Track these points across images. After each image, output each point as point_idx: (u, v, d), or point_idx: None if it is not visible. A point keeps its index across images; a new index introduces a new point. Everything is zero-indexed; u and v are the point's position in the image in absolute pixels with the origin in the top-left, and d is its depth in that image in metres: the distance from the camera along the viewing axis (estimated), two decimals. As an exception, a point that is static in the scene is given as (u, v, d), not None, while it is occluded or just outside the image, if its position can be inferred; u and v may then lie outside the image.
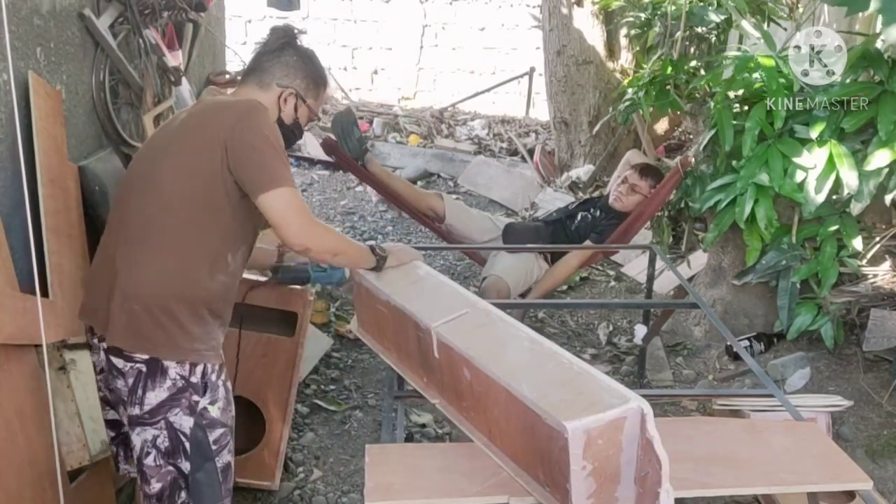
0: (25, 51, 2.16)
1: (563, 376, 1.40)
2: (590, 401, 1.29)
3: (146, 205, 1.71)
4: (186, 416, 1.71)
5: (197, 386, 1.71)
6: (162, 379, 1.68)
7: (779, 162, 2.94)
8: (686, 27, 3.68)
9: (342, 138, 3.41)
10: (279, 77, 1.83)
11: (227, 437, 1.79)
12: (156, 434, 1.71)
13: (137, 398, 1.69)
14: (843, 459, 1.54)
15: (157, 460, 1.72)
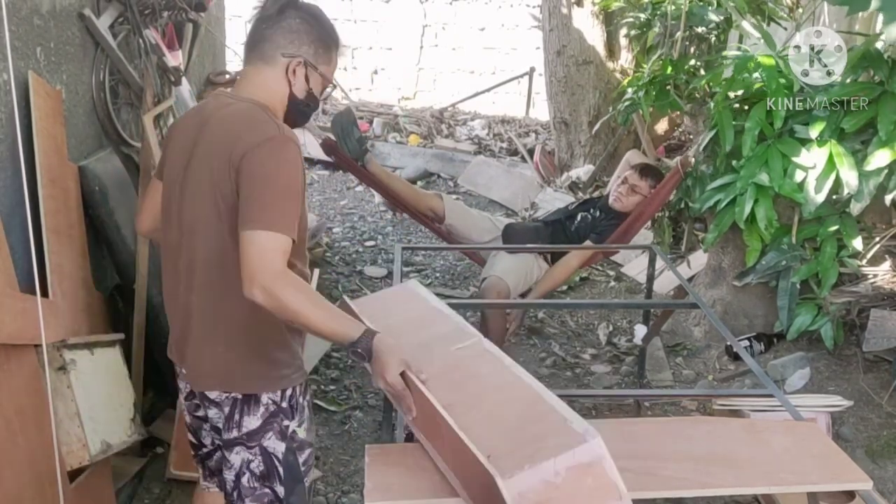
0: (25, 51, 2.16)
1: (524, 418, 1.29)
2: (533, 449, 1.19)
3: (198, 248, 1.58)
4: (279, 441, 1.66)
5: (287, 410, 1.66)
6: (256, 406, 1.63)
7: (779, 162, 2.94)
8: (686, 27, 3.68)
9: (342, 139, 3.40)
10: (283, 45, 1.58)
11: (312, 456, 1.76)
12: (250, 458, 1.66)
13: (235, 423, 1.64)
14: (843, 459, 1.54)
15: (251, 482, 1.68)
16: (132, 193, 2.71)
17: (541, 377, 3.45)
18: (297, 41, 1.59)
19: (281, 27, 1.59)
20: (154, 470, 2.55)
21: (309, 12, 1.62)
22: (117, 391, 2.24)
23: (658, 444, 1.57)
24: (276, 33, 1.59)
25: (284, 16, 1.59)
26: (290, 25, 1.59)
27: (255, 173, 1.47)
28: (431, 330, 1.66)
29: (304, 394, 1.70)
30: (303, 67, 1.60)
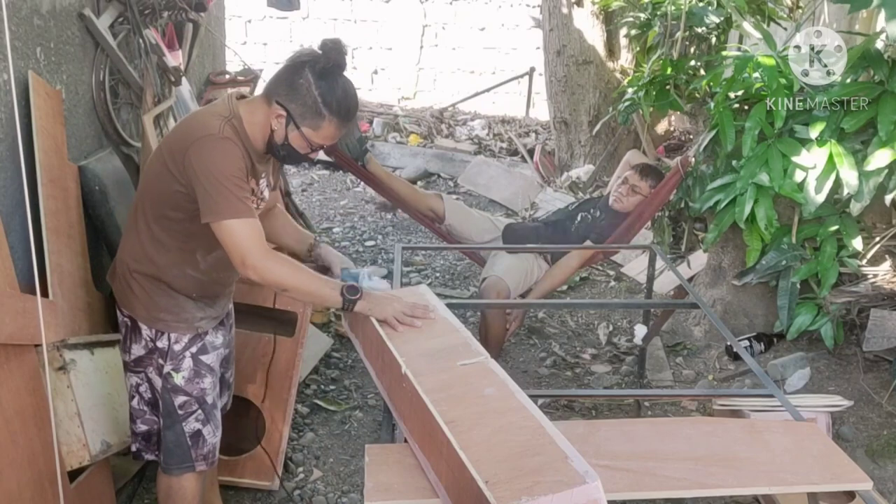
0: (25, 51, 2.16)
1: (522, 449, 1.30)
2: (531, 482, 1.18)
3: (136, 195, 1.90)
4: (156, 377, 1.90)
5: (163, 351, 1.87)
6: (139, 336, 1.88)
7: (779, 162, 2.94)
8: (686, 27, 3.68)
9: (341, 139, 3.39)
10: (280, 94, 1.72)
11: (192, 405, 1.91)
12: (139, 382, 1.93)
13: (126, 347, 1.92)
14: (843, 459, 1.54)
15: (140, 405, 1.95)
16: (132, 193, 2.71)
17: (541, 377, 3.45)
18: (291, 96, 1.71)
19: (287, 79, 1.71)
20: (154, 470, 2.54)
21: (322, 77, 1.70)
22: (117, 391, 2.24)
23: (658, 444, 1.57)
24: (283, 80, 1.72)
25: (300, 71, 1.70)
26: (295, 81, 1.70)
27: (200, 167, 1.67)
28: (438, 340, 1.66)
29: (187, 347, 1.89)
30: (284, 120, 1.73)
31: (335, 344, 3.51)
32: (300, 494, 2.57)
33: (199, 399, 1.92)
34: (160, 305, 1.86)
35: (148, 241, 1.83)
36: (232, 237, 1.67)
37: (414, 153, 6.73)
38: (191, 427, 1.92)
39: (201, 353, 1.91)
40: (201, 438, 1.93)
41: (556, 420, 3.06)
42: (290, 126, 1.73)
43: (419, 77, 9.25)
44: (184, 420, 1.90)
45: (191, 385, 1.90)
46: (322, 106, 1.70)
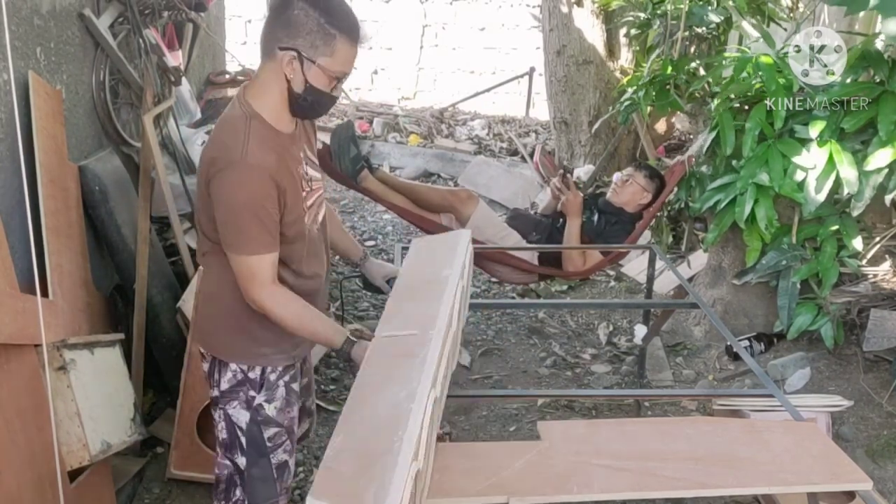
0: (25, 51, 2.16)
1: (375, 447, 1.21)
2: (355, 490, 1.11)
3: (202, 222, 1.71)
4: (243, 411, 1.74)
5: (255, 382, 1.74)
6: (225, 370, 1.74)
7: (779, 162, 2.94)
8: (686, 27, 3.68)
9: (337, 156, 3.33)
10: (280, 39, 1.53)
11: (282, 436, 1.79)
12: (217, 421, 1.77)
13: (214, 381, 1.76)
14: (843, 459, 1.54)
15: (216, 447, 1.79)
16: (132, 193, 2.71)
17: (541, 377, 3.45)
18: (293, 33, 1.53)
19: (281, 19, 1.53)
20: (154, 470, 2.55)
21: (315, 2, 1.54)
22: (117, 391, 2.24)
23: (658, 444, 1.57)
24: (276, 25, 1.55)
25: (288, 6, 1.53)
26: (289, 17, 1.52)
27: (220, 198, 1.57)
28: (416, 303, 1.64)
29: (281, 377, 1.77)
30: (297, 60, 1.54)
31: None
32: (300, 494, 2.57)
33: (288, 429, 1.80)
34: (260, 340, 1.72)
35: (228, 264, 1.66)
36: (243, 273, 1.60)
37: (414, 153, 6.73)
38: (278, 459, 1.79)
39: (293, 381, 1.80)
40: (287, 470, 1.82)
41: (556, 420, 3.06)
42: (306, 64, 1.54)
43: (419, 77, 9.25)
44: (272, 453, 1.77)
45: (282, 415, 1.78)
46: (329, 26, 1.54)
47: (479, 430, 3.01)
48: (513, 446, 1.67)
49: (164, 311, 2.66)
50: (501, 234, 3.37)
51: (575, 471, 1.45)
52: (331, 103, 1.66)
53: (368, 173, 3.34)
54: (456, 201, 3.40)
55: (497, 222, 3.45)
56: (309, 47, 1.54)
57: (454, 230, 3.36)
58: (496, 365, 3.55)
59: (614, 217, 3.40)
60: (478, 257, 3.48)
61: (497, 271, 3.39)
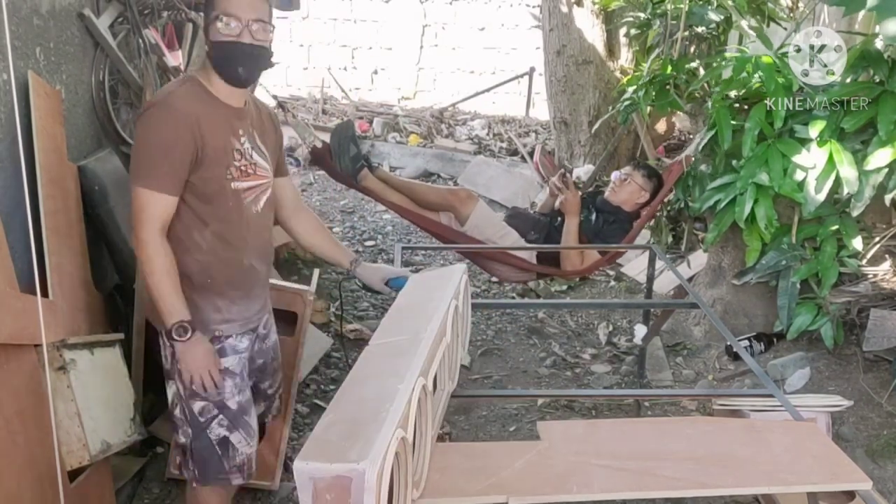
0: (25, 51, 2.16)
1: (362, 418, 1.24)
2: (339, 449, 1.14)
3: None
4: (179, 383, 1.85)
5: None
6: (163, 346, 1.85)
7: (779, 162, 2.94)
8: (686, 27, 3.68)
9: (337, 155, 3.33)
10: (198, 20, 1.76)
11: (212, 410, 1.85)
12: (171, 395, 1.88)
13: (165, 356, 1.86)
14: (843, 459, 1.54)
15: (180, 414, 1.88)
16: (132, 193, 2.70)
17: (541, 377, 3.45)
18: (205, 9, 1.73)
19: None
20: (154, 470, 2.55)
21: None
22: (117, 391, 2.24)
23: (658, 444, 1.57)
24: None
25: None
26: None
27: (136, 135, 1.71)
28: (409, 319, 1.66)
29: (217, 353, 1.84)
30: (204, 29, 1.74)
31: (335, 344, 3.51)
32: (300, 494, 2.57)
33: (217, 404, 1.86)
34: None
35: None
36: (139, 205, 1.68)
37: (414, 153, 6.73)
38: (216, 434, 1.86)
39: (222, 356, 1.86)
40: (230, 446, 1.87)
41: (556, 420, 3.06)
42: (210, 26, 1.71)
43: (419, 77, 9.25)
44: (207, 427, 1.85)
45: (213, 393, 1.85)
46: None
47: (479, 430, 3.01)
48: (513, 446, 1.67)
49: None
50: (500, 234, 3.37)
51: (575, 471, 1.46)
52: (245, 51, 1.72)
53: (368, 172, 3.34)
54: (455, 200, 3.40)
55: (496, 222, 3.45)
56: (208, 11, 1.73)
57: (454, 229, 3.37)
58: (496, 365, 3.55)
59: (612, 216, 3.40)
60: (477, 256, 3.49)
61: (496, 270, 3.39)
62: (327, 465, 1.10)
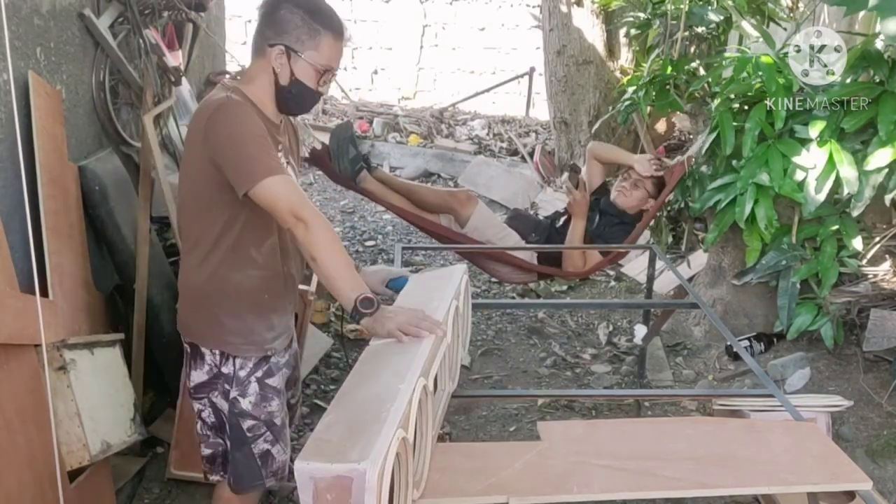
0: (25, 51, 2.16)
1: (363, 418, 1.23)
2: (340, 449, 1.14)
3: (180, 219, 1.83)
4: (222, 401, 1.82)
5: (228, 377, 1.80)
6: (201, 362, 1.81)
7: (779, 162, 2.94)
8: (686, 27, 3.68)
9: (336, 156, 3.32)
10: (269, 37, 1.68)
11: (260, 428, 1.84)
12: (200, 408, 1.86)
13: (187, 374, 1.85)
14: (843, 459, 1.54)
15: (203, 430, 1.87)
16: (132, 193, 2.71)
17: (541, 377, 3.45)
18: (280, 31, 1.67)
19: (272, 19, 1.68)
20: (154, 470, 2.55)
21: (300, 3, 1.68)
22: (117, 391, 2.24)
23: (658, 444, 1.57)
24: (265, 25, 1.69)
25: (277, 9, 1.68)
26: (277, 17, 1.67)
27: (220, 138, 1.62)
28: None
29: (252, 371, 1.81)
30: (284, 55, 1.68)
31: (335, 344, 3.51)
32: (300, 494, 2.57)
33: (267, 422, 1.85)
34: (228, 327, 1.77)
35: (203, 256, 1.75)
36: (276, 195, 1.59)
37: (414, 153, 6.73)
38: (259, 448, 1.85)
39: (267, 377, 1.84)
40: (270, 457, 1.87)
41: (556, 420, 3.06)
42: (293, 58, 1.68)
43: (419, 77, 9.25)
44: (253, 442, 1.83)
45: (258, 409, 1.83)
46: (314, 22, 1.67)
47: (479, 430, 3.01)
48: (513, 446, 1.67)
49: (164, 311, 2.65)
50: (501, 235, 3.37)
51: (575, 471, 1.45)
52: (315, 99, 1.77)
53: (367, 174, 3.33)
54: (455, 202, 3.40)
55: (496, 223, 3.45)
56: (296, 41, 1.68)
57: (454, 231, 3.37)
58: (496, 365, 3.55)
59: (616, 218, 3.38)
60: (477, 257, 3.49)
61: (496, 271, 3.39)
62: (328, 465, 1.10)
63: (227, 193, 1.67)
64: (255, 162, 1.60)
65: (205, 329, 1.79)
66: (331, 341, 3.49)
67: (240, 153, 1.61)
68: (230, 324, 1.77)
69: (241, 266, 1.75)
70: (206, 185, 1.69)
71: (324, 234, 1.62)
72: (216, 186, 1.68)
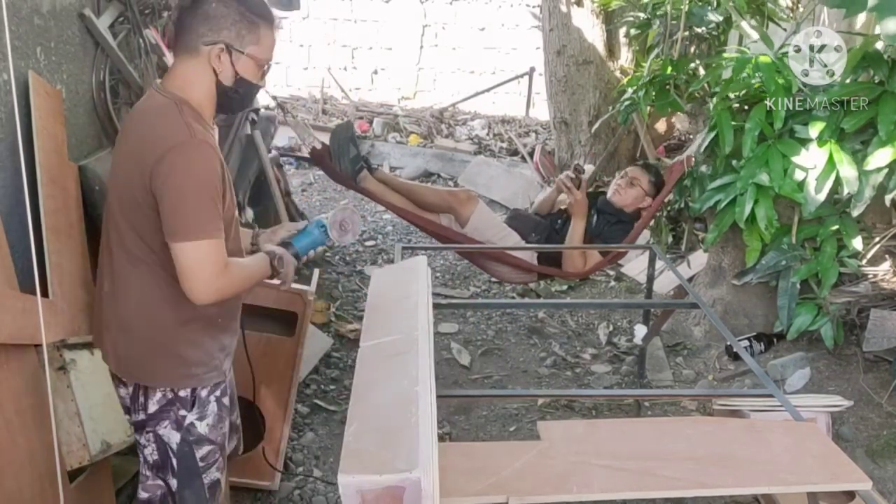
0: (25, 50, 2.16)
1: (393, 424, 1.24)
2: (383, 459, 1.13)
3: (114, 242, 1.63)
4: (174, 431, 1.68)
5: (185, 401, 1.67)
6: (151, 394, 1.67)
7: (779, 162, 2.94)
8: (686, 27, 3.68)
9: (337, 156, 3.32)
10: (203, 34, 1.53)
11: (215, 454, 1.73)
12: (143, 445, 1.70)
13: (140, 405, 1.68)
14: (843, 459, 1.54)
15: (143, 470, 1.73)
16: (132, 193, 2.70)
17: (541, 377, 3.45)
18: (216, 27, 1.54)
19: (199, 14, 1.54)
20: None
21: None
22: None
23: (658, 444, 1.58)
24: (195, 21, 1.55)
25: (203, 2, 1.54)
26: (207, 11, 1.54)
27: (169, 182, 1.47)
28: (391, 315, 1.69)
29: (212, 392, 1.70)
30: (226, 53, 1.55)
31: (335, 344, 3.51)
32: (300, 494, 2.57)
33: (220, 446, 1.74)
34: (187, 359, 1.64)
35: (163, 289, 1.59)
36: (205, 262, 1.48)
37: (414, 153, 6.73)
38: (211, 478, 1.73)
39: (223, 396, 1.73)
40: (218, 488, 1.76)
41: (556, 420, 3.06)
42: (235, 55, 1.56)
43: (419, 77, 9.25)
44: (205, 472, 1.71)
45: (214, 432, 1.71)
46: (251, 14, 1.56)
47: (479, 430, 3.01)
48: (513, 446, 1.67)
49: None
50: (501, 235, 3.37)
51: (575, 471, 1.46)
52: (255, 93, 1.70)
53: (368, 174, 3.34)
54: (455, 202, 3.40)
55: (497, 223, 3.45)
56: (235, 38, 1.56)
57: (454, 231, 3.37)
58: (496, 365, 3.55)
59: (614, 217, 3.39)
60: (477, 257, 3.49)
61: (496, 271, 3.39)
62: (376, 476, 1.08)
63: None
64: (202, 218, 1.48)
65: (161, 367, 1.64)
66: (331, 341, 3.49)
67: (189, 204, 1.48)
68: (190, 354, 1.64)
69: None
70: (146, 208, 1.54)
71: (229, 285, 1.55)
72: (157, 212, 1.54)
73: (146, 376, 1.65)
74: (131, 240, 1.59)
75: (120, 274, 1.62)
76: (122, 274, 1.62)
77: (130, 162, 1.55)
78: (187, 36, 1.56)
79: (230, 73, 1.58)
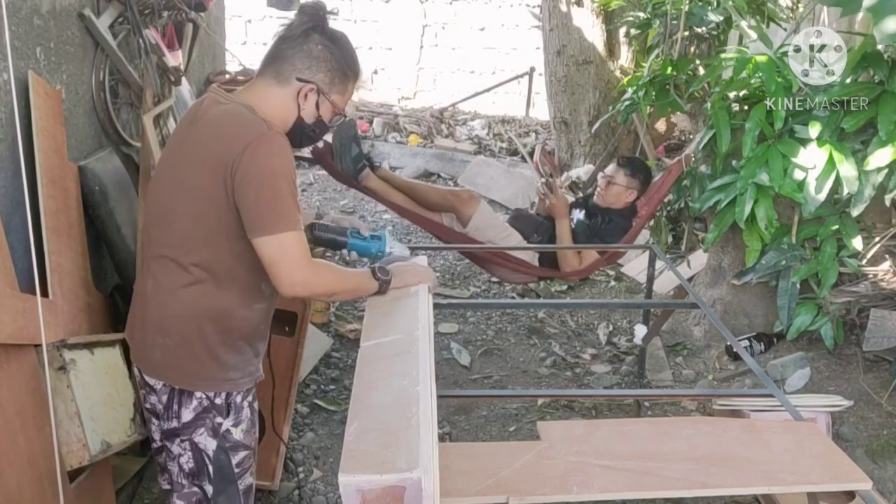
0: (25, 51, 2.16)
1: (393, 425, 1.23)
2: (384, 459, 1.13)
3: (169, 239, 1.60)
4: (210, 438, 1.67)
5: (221, 407, 1.66)
6: (189, 398, 1.65)
7: (779, 162, 2.94)
8: (686, 27, 3.68)
9: (339, 154, 3.32)
10: (300, 69, 1.59)
11: (249, 459, 1.73)
12: (179, 453, 1.69)
13: (174, 413, 1.66)
14: (843, 459, 1.54)
15: (179, 478, 1.71)
16: (132, 193, 2.71)
17: (541, 377, 3.45)
18: (314, 67, 1.60)
19: (302, 50, 1.59)
20: (154, 470, 2.54)
21: (333, 39, 1.63)
22: (117, 391, 2.23)
23: (658, 444, 1.58)
24: (295, 55, 1.59)
25: (308, 39, 1.60)
26: (310, 50, 1.60)
27: (253, 174, 1.49)
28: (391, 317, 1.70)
29: (245, 397, 1.70)
30: (315, 94, 1.62)
31: (335, 344, 3.51)
32: (300, 494, 2.57)
33: (254, 450, 1.75)
34: (229, 364, 1.63)
35: (212, 292, 1.58)
36: (287, 254, 1.50)
37: (414, 153, 6.73)
38: (245, 483, 1.73)
39: (255, 400, 1.74)
40: (251, 492, 1.75)
41: (556, 420, 3.06)
42: (321, 98, 1.62)
43: (419, 77, 9.25)
44: (240, 477, 1.71)
45: (249, 437, 1.71)
46: (347, 68, 1.65)
47: (479, 430, 3.01)
48: (513, 446, 1.67)
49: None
50: (502, 235, 3.37)
51: (574, 471, 1.46)
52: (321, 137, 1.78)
53: (370, 172, 3.34)
54: (457, 201, 3.40)
55: (498, 223, 3.46)
56: (328, 83, 1.63)
57: (456, 230, 3.37)
58: (496, 365, 3.55)
59: (607, 216, 3.41)
60: (478, 257, 3.49)
61: (497, 271, 3.39)
62: (377, 476, 1.08)
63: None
64: (286, 210, 1.50)
65: (207, 373, 1.63)
66: (331, 341, 3.49)
67: (272, 196, 1.49)
68: (229, 359, 1.64)
69: (250, 302, 1.65)
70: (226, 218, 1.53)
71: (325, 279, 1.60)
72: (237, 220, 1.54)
73: (182, 379, 1.63)
74: (183, 245, 1.58)
75: (166, 276, 1.61)
76: (169, 277, 1.60)
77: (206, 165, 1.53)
78: (282, 64, 1.60)
79: (312, 113, 1.64)
